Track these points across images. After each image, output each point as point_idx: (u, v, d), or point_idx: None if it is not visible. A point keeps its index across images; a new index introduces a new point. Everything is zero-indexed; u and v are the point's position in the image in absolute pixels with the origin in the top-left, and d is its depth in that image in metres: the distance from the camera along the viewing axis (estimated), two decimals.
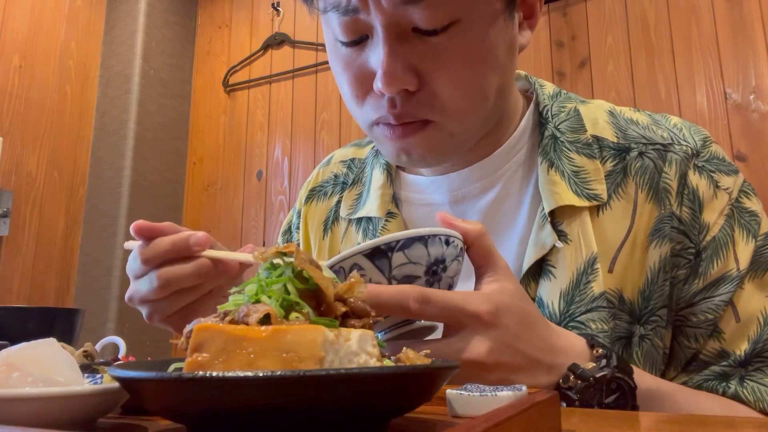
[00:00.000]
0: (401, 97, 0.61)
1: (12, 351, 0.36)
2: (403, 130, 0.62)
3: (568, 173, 0.67)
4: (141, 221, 0.59)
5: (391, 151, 0.66)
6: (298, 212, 0.89)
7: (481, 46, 0.61)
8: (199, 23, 2.91)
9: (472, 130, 0.65)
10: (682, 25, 1.94)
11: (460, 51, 0.60)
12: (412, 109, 0.61)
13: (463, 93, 0.61)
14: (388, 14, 0.58)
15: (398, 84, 0.59)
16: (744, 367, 0.62)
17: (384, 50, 0.59)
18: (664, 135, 0.69)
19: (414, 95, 0.61)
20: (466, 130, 0.64)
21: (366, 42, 0.62)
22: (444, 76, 0.60)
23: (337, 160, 0.90)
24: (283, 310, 0.33)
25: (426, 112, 0.62)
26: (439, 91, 0.60)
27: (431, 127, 0.63)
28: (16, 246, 2.27)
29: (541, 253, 0.65)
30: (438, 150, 0.65)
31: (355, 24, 0.61)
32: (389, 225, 0.75)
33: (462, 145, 0.66)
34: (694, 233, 0.64)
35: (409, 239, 0.49)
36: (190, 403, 0.28)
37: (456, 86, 0.61)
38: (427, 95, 0.61)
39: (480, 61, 0.61)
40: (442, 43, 0.59)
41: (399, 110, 0.61)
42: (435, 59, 0.60)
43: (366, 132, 0.68)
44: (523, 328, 0.50)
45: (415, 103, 0.61)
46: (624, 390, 0.52)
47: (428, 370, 0.31)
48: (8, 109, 2.29)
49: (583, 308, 0.62)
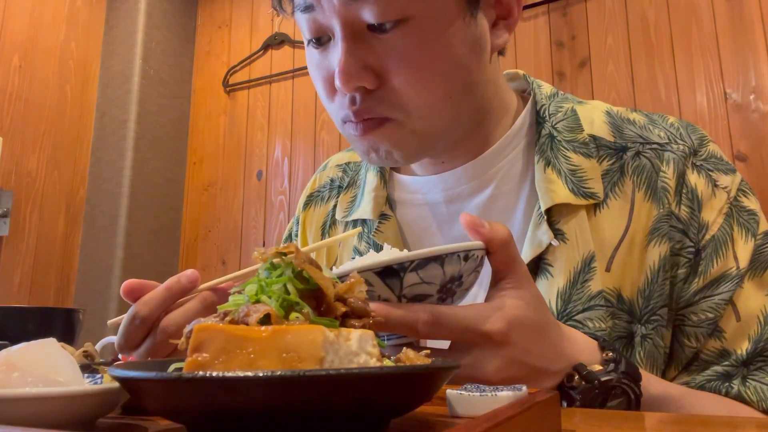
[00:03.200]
0: (360, 94, 0.63)
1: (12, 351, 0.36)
2: (364, 126, 0.64)
3: (565, 172, 0.67)
4: (131, 281, 0.56)
5: (360, 149, 0.67)
6: (297, 219, 0.90)
7: (436, 43, 0.62)
8: (199, 23, 2.91)
9: (438, 128, 0.65)
10: (682, 25, 1.94)
11: (413, 48, 0.61)
12: (370, 106, 0.63)
13: (419, 91, 0.62)
14: (341, 13, 0.61)
15: (354, 81, 0.61)
16: (746, 366, 0.61)
17: (341, 49, 0.61)
18: (661, 134, 0.69)
19: (373, 93, 0.62)
20: (431, 127, 0.65)
21: (329, 43, 0.65)
22: (399, 73, 0.62)
23: (333, 164, 0.91)
24: (283, 310, 0.33)
25: (384, 110, 0.63)
26: (397, 88, 0.62)
27: (391, 124, 0.64)
28: (16, 246, 2.27)
29: (538, 251, 0.65)
30: (403, 147, 0.65)
31: (316, 24, 0.64)
32: (383, 227, 0.75)
33: (432, 142, 0.67)
34: (694, 232, 0.64)
35: (423, 260, 0.46)
36: (190, 403, 0.28)
37: (411, 84, 0.62)
38: (386, 92, 0.62)
39: (435, 58, 0.62)
40: (394, 41, 0.61)
41: (357, 107, 0.63)
42: (389, 57, 0.61)
43: (341, 131, 0.70)
44: (534, 341, 0.50)
45: (374, 101, 0.63)
46: (629, 396, 0.51)
47: (428, 370, 0.31)
48: (8, 109, 2.29)
49: (581, 307, 0.62)
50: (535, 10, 2.16)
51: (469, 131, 0.70)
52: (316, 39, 0.65)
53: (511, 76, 0.80)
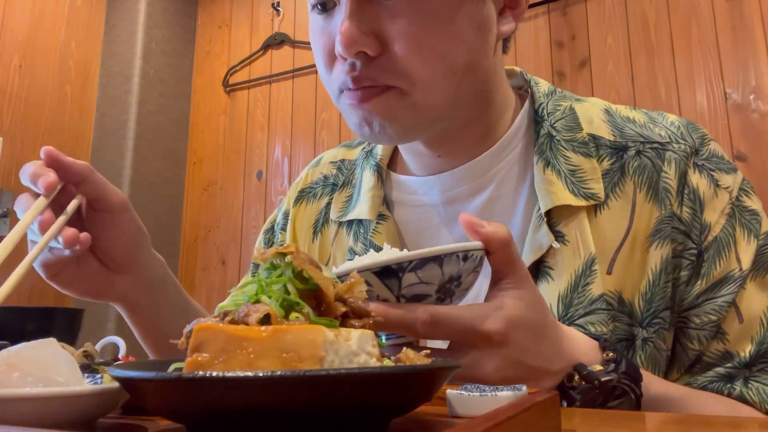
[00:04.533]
0: (361, 60, 0.61)
1: (12, 351, 0.36)
2: (363, 94, 0.62)
3: (565, 172, 0.66)
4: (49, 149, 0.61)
5: (354, 120, 0.65)
6: (285, 213, 0.87)
7: (442, 15, 0.61)
8: (199, 23, 2.91)
9: (438, 103, 0.64)
10: (682, 25, 1.94)
11: (422, 16, 0.60)
12: (371, 73, 0.61)
13: (423, 60, 0.61)
14: None
15: (355, 46, 0.60)
16: (748, 368, 0.61)
17: (345, 12, 0.60)
18: (661, 133, 0.68)
19: (375, 60, 0.61)
20: (431, 102, 0.63)
21: (335, 9, 0.64)
22: (403, 40, 0.60)
23: (326, 161, 0.88)
24: (283, 310, 0.33)
25: (387, 77, 0.61)
26: (401, 56, 0.61)
27: (392, 92, 0.62)
28: (16, 246, 2.27)
29: (538, 254, 0.64)
30: (398, 120, 0.63)
31: None
32: (380, 227, 0.74)
33: (429, 119, 0.65)
34: (696, 233, 0.63)
35: (422, 260, 0.46)
36: (190, 403, 0.28)
37: (415, 52, 0.61)
38: (388, 60, 0.61)
39: (443, 29, 0.61)
40: (403, 7, 0.60)
41: (357, 73, 0.62)
42: (394, 23, 0.60)
43: (336, 105, 0.68)
44: (533, 341, 0.49)
45: (376, 68, 0.61)
46: (629, 397, 0.51)
47: (428, 370, 0.31)
48: (8, 109, 2.29)
49: (582, 311, 0.62)
50: (535, 10, 2.16)
51: (468, 121, 0.69)
52: (321, 4, 0.64)
53: (508, 73, 0.78)
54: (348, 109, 0.65)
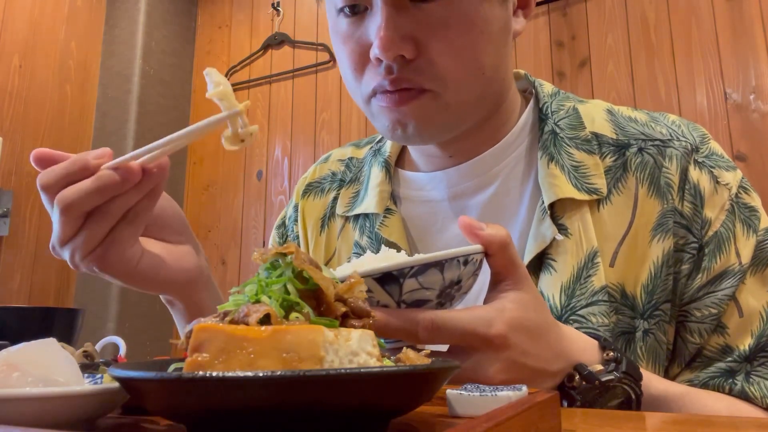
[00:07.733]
0: (398, 64, 0.62)
1: (12, 351, 0.36)
2: (399, 97, 0.64)
3: (568, 167, 0.68)
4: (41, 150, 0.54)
5: (386, 124, 0.66)
6: (295, 206, 0.89)
7: (476, 16, 0.63)
8: (199, 23, 2.91)
9: (468, 103, 0.66)
10: (682, 25, 1.94)
11: (456, 19, 0.62)
12: (408, 76, 0.63)
13: (459, 61, 0.63)
14: None
15: (395, 49, 0.61)
16: (749, 362, 0.62)
17: (382, 17, 0.61)
18: (662, 131, 0.69)
19: (411, 63, 0.62)
20: (462, 102, 0.65)
21: (365, 14, 0.65)
22: (440, 43, 0.62)
23: (335, 158, 0.90)
24: (283, 310, 0.33)
25: (423, 80, 0.63)
26: (436, 59, 0.62)
27: (427, 95, 0.64)
28: (16, 246, 2.27)
29: (542, 246, 0.65)
30: (432, 122, 0.65)
31: None
32: (387, 221, 0.75)
33: (456, 120, 0.67)
34: (696, 228, 0.65)
35: (423, 266, 0.46)
36: (190, 403, 0.28)
37: (452, 54, 0.62)
38: (424, 63, 0.62)
39: (475, 30, 0.63)
40: (438, 11, 0.62)
41: (395, 76, 0.63)
42: (431, 27, 0.62)
43: (364, 109, 0.69)
44: (533, 342, 0.50)
45: (412, 71, 0.63)
46: (629, 396, 0.51)
47: (428, 370, 0.31)
48: (8, 109, 2.29)
49: (584, 302, 0.63)
50: (535, 10, 2.16)
51: (484, 119, 0.71)
52: (351, 7, 0.65)
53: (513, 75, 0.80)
54: (380, 111, 0.66)
